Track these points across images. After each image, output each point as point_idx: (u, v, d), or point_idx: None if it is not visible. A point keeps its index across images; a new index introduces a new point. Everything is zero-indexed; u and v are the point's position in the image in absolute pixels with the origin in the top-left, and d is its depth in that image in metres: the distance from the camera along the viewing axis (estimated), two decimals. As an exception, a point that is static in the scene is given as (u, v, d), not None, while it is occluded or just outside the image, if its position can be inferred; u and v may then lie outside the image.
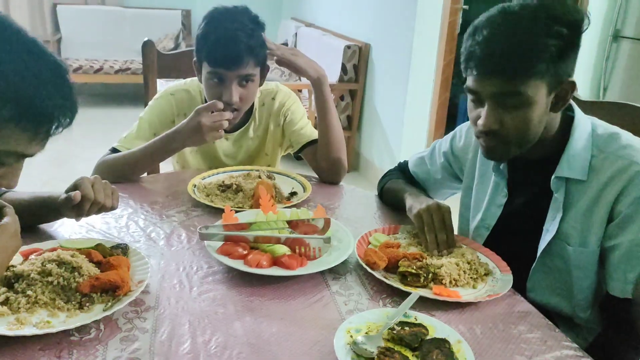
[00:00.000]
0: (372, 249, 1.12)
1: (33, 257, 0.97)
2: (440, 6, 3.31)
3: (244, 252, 1.07)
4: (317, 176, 1.62)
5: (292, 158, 1.74)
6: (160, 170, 1.82)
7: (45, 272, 0.92)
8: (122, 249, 1.05)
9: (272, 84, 1.67)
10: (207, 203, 1.33)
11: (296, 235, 1.12)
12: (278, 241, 1.09)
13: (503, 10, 0.99)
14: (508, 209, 1.20)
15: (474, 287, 1.05)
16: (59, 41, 5.48)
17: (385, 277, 1.04)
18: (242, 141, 1.65)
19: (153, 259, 1.08)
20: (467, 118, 1.13)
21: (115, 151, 1.50)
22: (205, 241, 1.10)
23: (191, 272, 1.05)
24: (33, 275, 0.91)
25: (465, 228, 1.33)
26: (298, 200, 1.39)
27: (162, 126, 1.54)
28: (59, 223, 1.20)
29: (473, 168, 1.29)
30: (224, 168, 1.57)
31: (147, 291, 0.97)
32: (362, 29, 3.96)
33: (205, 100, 1.55)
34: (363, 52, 3.85)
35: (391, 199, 1.42)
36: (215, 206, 1.32)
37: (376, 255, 1.08)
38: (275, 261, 1.06)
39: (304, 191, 1.45)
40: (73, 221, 1.18)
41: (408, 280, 1.03)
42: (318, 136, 1.57)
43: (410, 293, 0.97)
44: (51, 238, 1.13)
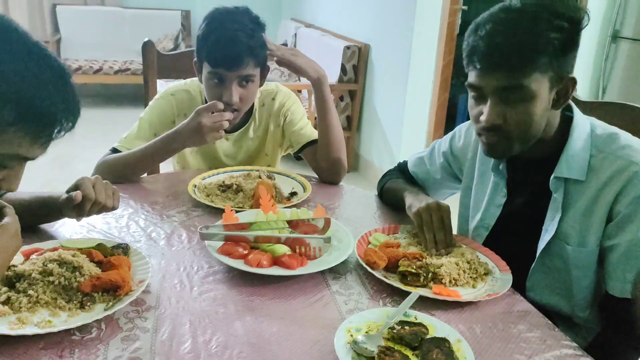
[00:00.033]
0: (372, 249, 1.12)
1: (34, 257, 0.98)
2: (439, 7, 3.32)
3: (245, 252, 1.08)
4: (317, 176, 1.62)
5: (292, 158, 1.74)
6: (160, 170, 1.82)
7: (46, 272, 0.92)
8: (123, 249, 1.05)
9: (272, 85, 1.67)
10: (208, 203, 1.33)
11: (296, 235, 1.12)
12: (278, 241, 1.09)
13: (505, 7, 1.01)
14: (507, 209, 1.20)
15: (474, 287, 1.06)
16: (59, 42, 5.48)
17: (385, 277, 1.04)
18: (242, 141, 1.65)
19: (154, 259, 1.08)
20: (466, 118, 1.13)
21: (115, 151, 1.50)
22: (205, 241, 1.11)
23: (192, 272, 1.06)
24: (34, 274, 0.91)
25: (464, 228, 1.33)
26: (298, 200, 1.39)
27: (163, 126, 1.54)
28: (60, 223, 1.21)
29: (472, 168, 1.30)
30: (224, 168, 1.57)
31: (148, 291, 0.97)
32: (362, 30, 3.96)
33: (205, 100, 1.55)
34: (362, 53, 3.85)
35: (391, 199, 1.43)
36: (215, 206, 1.32)
37: (376, 255, 1.08)
38: (275, 261, 1.06)
39: (304, 191, 1.45)
40: (74, 221, 1.18)
41: (408, 279, 1.04)
42: (318, 136, 1.57)
43: (410, 292, 0.97)
44: (52, 238, 1.13)
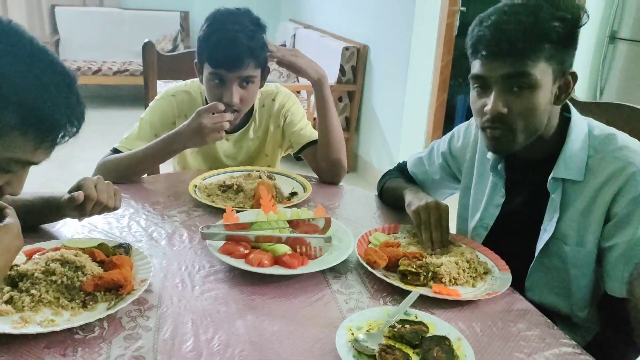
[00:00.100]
0: (373, 248, 1.13)
1: (36, 257, 0.98)
2: (438, 8, 3.33)
3: (246, 252, 1.08)
4: (317, 177, 1.62)
5: (292, 159, 1.75)
6: (160, 171, 1.83)
7: (49, 271, 0.93)
8: (125, 249, 1.06)
9: (272, 86, 1.68)
10: (208, 203, 1.34)
11: (297, 234, 1.13)
12: (279, 240, 1.10)
13: (508, 3, 1.03)
14: (506, 209, 1.21)
15: (473, 286, 1.06)
16: (57, 43, 5.48)
17: (385, 276, 1.05)
18: (243, 142, 1.65)
19: (155, 259, 1.09)
20: (465, 119, 1.14)
21: (116, 152, 1.51)
22: (206, 241, 1.11)
23: (193, 272, 1.06)
24: (37, 274, 0.92)
25: (463, 228, 1.34)
26: (298, 200, 1.40)
27: (163, 127, 1.55)
28: (62, 223, 1.21)
29: (471, 168, 1.30)
30: (225, 169, 1.58)
31: (150, 290, 0.98)
32: (361, 31, 3.97)
33: (206, 101, 1.56)
34: (361, 54, 3.86)
35: (391, 197, 1.43)
36: (216, 206, 1.32)
37: (376, 254, 1.09)
38: (276, 260, 1.07)
39: (304, 191, 1.46)
40: (75, 221, 1.19)
41: (408, 278, 1.04)
42: (318, 137, 1.58)
43: (410, 291, 0.98)
44: (54, 238, 1.14)
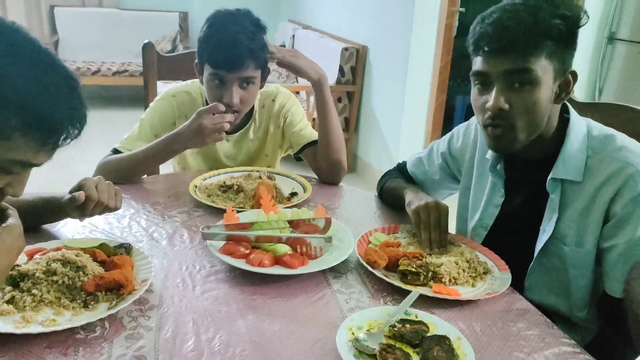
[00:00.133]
0: (373, 248, 1.13)
1: (38, 257, 0.98)
2: (437, 9, 3.33)
3: (246, 252, 1.08)
4: (317, 177, 1.63)
5: (292, 159, 1.75)
6: (160, 171, 1.83)
7: (50, 271, 0.93)
8: (126, 249, 1.06)
9: (272, 86, 1.68)
10: (209, 203, 1.34)
11: (297, 234, 1.13)
12: (279, 240, 1.10)
13: (508, 2, 1.04)
14: (505, 209, 1.21)
15: (473, 286, 1.07)
16: (56, 43, 5.47)
17: (385, 276, 1.05)
18: (243, 142, 1.66)
19: (156, 259, 1.09)
20: (464, 119, 1.14)
21: (116, 152, 1.51)
22: (207, 241, 1.11)
23: (194, 271, 1.06)
24: (38, 274, 0.92)
25: (463, 228, 1.34)
26: (298, 200, 1.40)
27: (163, 127, 1.55)
28: (62, 223, 1.21)
29: (471, 169, 1.31)
30: (225, 169, 1.58)
31: (151, 290, 0.98)
32: (360, 31, 3.97)
33: (206, 101, 1.56)
34: (360, 54, 3.86)
35: (391, 197, 1.44)
36: (216, 206, 1.33)
37: (376, 254, 1.09)
38: (277, 260, 1.07)
39: (304, 192, 1.46)
40: (76, 221, 1.19)
41: (408, 278, 1.05)
42: (318, 137, 1.58)
43: (410, 291, 0.98)
44: (54, 238, 1.14)
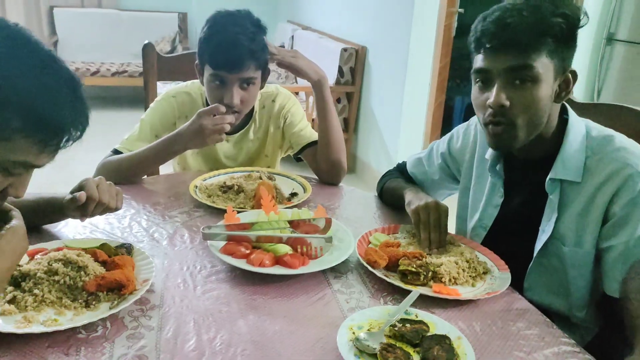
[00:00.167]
0: (373, 248, 1.13)
1: (39, 257, 0.98)
2: (436, 9, 3.34)
3: (247, 252, 1.09)
4: (317, 177, 1.63)
5: (292, 159, 1.76)
6: (160, 172, 1.83)
7: (51, 271, 0.93)
8: (127, 249, 1.06)
9: (272, 87, 1.68)
10: (209, 204, 1.34)
11: (298, 234, 1.13)
12: (280, 241, 1.11)
13: (509, 2, 1.05)
14: (505, 210, 1.22)
15: (473, 285, 1.07)
16: (56, 44, 5.47)
17: (385, 276, 1.05)
18: (243, 143, 1.66)
19: (157, 259, 1.09)
20: (463, 120, 1.15)
21: (117, 153, 1.51)
22: (208, 241, 1.12)
23: (195, 272, 1.07)
24: (39, 274, 0.92)
25: (462, 228, 1.34)
26: (299, 200, 1.40)
27: (164, 128, 1.55)
28: (63, 223, 1.21)
29: (470, 169, 1.31)
30: (225, 169, 1.58)
31: (152, 290, 0.98)
32: (359, 32, 3.98)
33: (206, 102, 1.57)
34: (360, 55, 3.87)
35: (391, 197, 1.44)
36: (217, 207, 1.33)
37: (377, 254, 1.09)
38: (277, 260, 1.07)
39: (304, 192, 1.46)
40: (77, 222, 1.20)
41: (408, 278, 1.05)
42: (318, 138, 1.58)
43: (410, 291, 0.99)
44: (55, 238, 1.14)
